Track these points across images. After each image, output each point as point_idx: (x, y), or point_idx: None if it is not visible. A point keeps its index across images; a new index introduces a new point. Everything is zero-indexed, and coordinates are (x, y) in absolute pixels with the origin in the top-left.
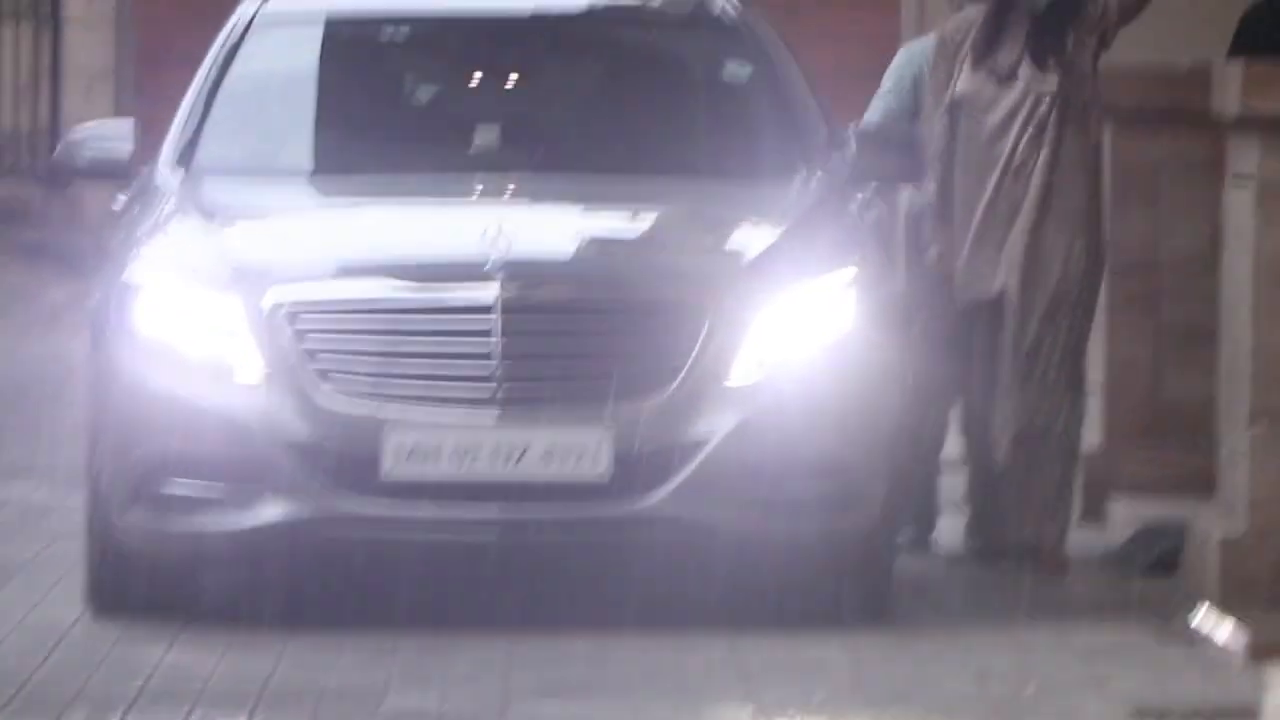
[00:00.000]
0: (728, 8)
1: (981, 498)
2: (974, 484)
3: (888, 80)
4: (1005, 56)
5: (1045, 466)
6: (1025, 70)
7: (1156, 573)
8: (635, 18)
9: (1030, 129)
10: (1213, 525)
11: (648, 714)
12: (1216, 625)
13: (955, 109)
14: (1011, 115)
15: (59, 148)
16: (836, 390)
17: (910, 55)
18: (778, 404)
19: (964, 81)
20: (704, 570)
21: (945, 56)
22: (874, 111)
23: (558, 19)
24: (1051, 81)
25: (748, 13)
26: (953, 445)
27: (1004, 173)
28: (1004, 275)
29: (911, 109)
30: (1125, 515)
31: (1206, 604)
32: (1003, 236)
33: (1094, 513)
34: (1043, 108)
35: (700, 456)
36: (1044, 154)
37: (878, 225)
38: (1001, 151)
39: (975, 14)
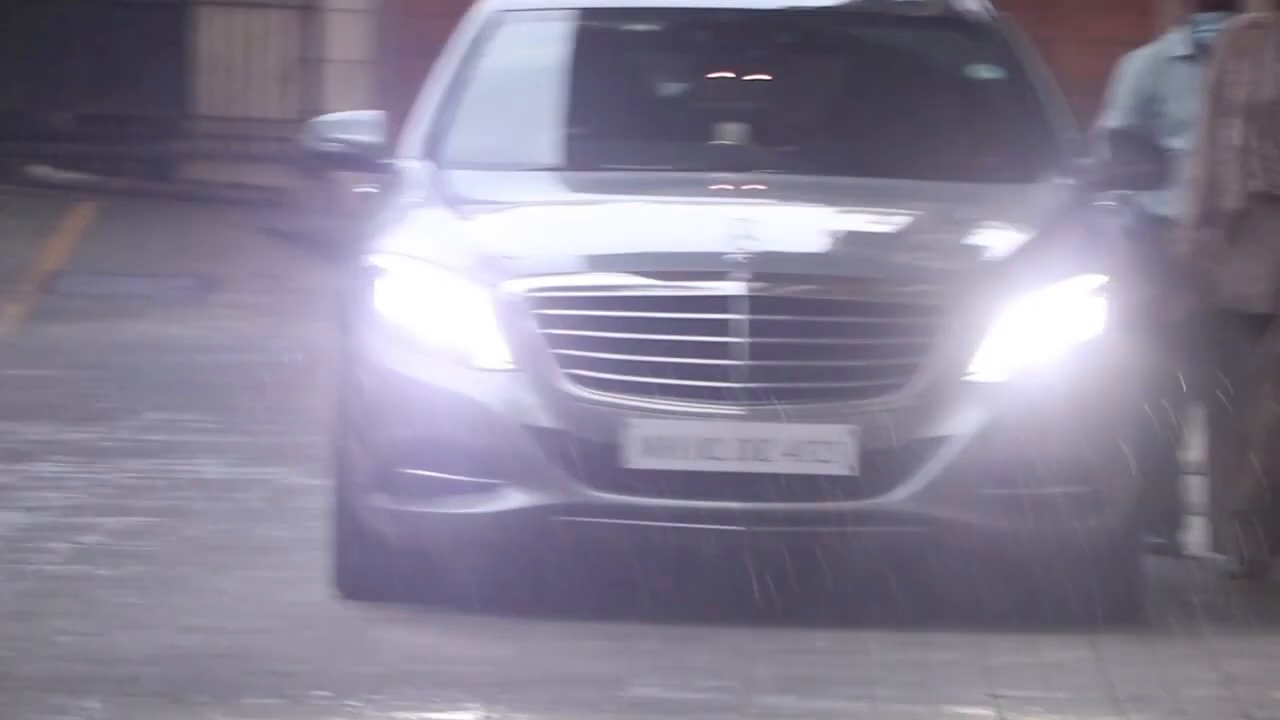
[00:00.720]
0: (978, 8)
1: (1239, 513)
2: (1226, 495)
3: (1120, 92)
4: None
5: None
6: None
7: None
8: (885, 17)
9: None
10: None
11: (888, 710)
12: None
13: (1248, 112)
14: None
15: (307, 136)
16: (1084, 392)
17: (1139, 66)
18: (1025, 403)
19: (1269, 88)
20: (949, 568)
21: (1236, 55)
22: (1111, 118)
23: (806, 16)
24: None
25: (998, 14)
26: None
27: None
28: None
29: (1142, 120)
30: None
31: None
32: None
33: None
34: None
35: (947, 453)
36: None
37: (1126, 230)
38: None
39: (1269, 18)
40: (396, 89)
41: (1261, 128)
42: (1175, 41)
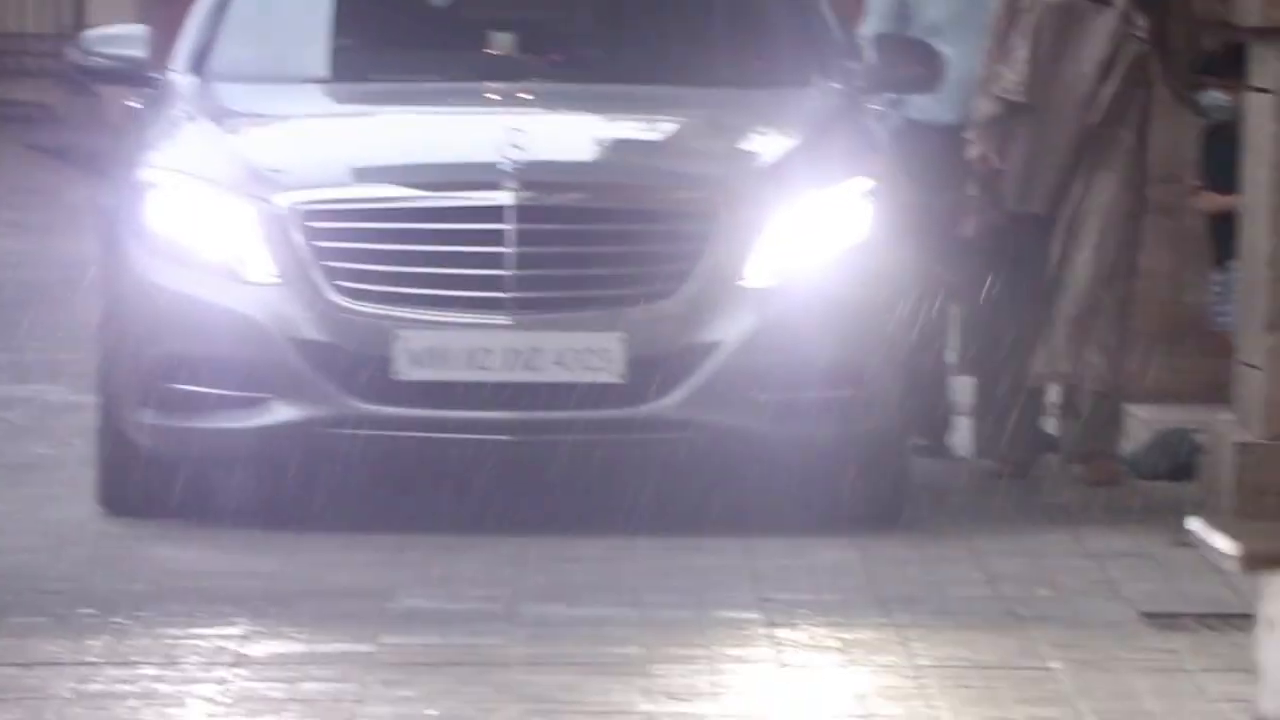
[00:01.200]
0: None
1: (999, 414)
2: (990, 398)
3: None
4: None
5: (1099, 404)
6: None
7: (1174, 478)
8: None
9: (1120, 69)
10: (1228, 432)
11: (657, 616)
12: (1211, 534)
13: (1033, 17)
14: (1102, 47)
15: (73, 52)
16: (851, 296)
17: None
18: (792, 308)
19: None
20: (718, 473)
21: None
22: (870, 24)
23: None
24: (1142, 18)
25: None
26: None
27: (1084, 107)
28: (1070, 198)
29: (896, 24)
30: (1143, 422)
31: (1201, 516)
32: (1071, 163)
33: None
34: (1133, 46)
35: (715, 360)
36: (1135, 104)
37: (894, 134)
38: (1086, 83)
39: None
40: (162, 2)
41: (1040, 33)
42: None
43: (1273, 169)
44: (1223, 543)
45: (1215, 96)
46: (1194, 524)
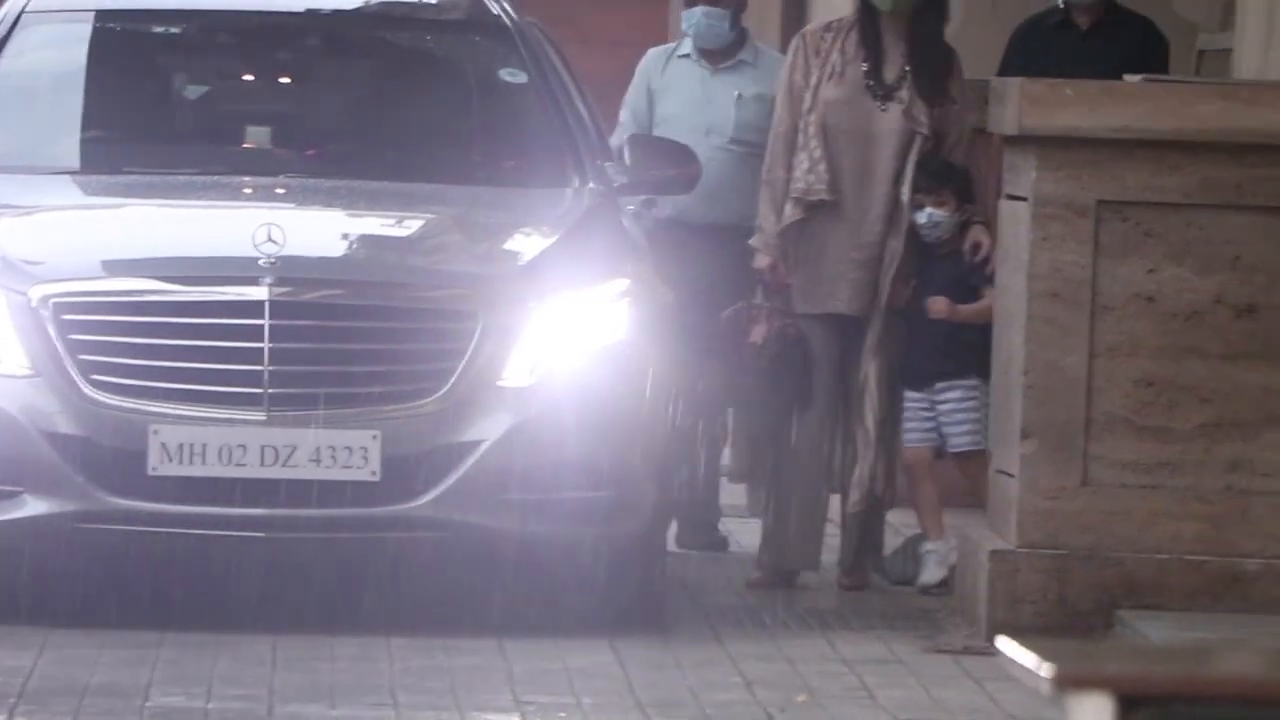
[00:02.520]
0: (503, 13)
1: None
2: (774, 503)
3: (631, 92)
4: (888, 73)
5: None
6: (906, 94)
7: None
8: (410, 20)
9: (908, 166)
10: (983, 539)
11: (413, 718)
12: (1020, 653)
13: (814, 113)
14: (890, 141)
15: None
16: (608, 397)
17: (646, 64)
18: (549, 409)
19: (833, 88)
20: (473, 574)
21: (809, 56)
22: (624, 123)
23: (330, 18)
24: (924, 115)
25: (523, 18)
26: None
27: (875, 197)
28: (869, 294)
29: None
30: (893, 528)
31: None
32: (865, 258)
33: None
34: (918, 143)
35: (470, 459)
36: (919, 197)
37: (650, 235)
38: (877, 180)
39: (839, 21)
40: None
41: (829, 134)
42: (682, 40)
43: (1029, 277)
44: (1034, 663)
45: (930, 213)
46: (1003, 642)
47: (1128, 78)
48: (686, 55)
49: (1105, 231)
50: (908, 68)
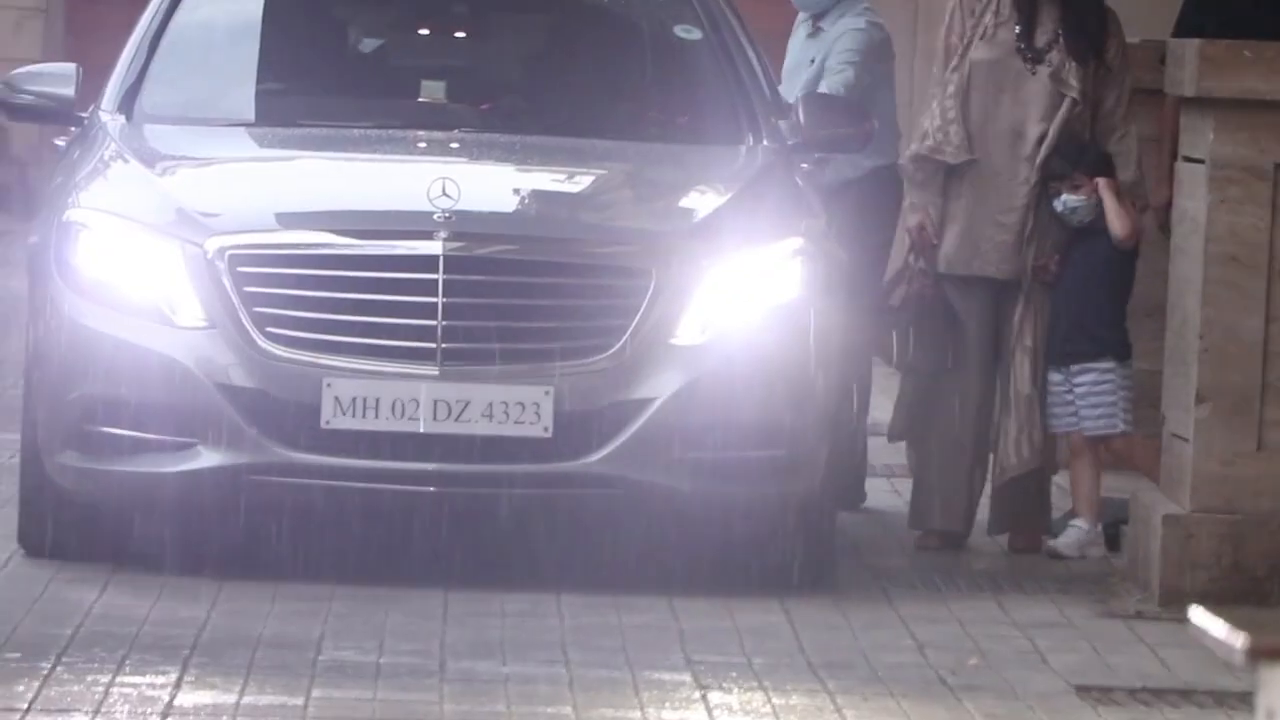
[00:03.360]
0: None
1: (923, 481)
2: (919, 464)
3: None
4: (1040, 36)
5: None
6: (1056, 57)
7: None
8: None
9: (1052, 129)
10: (1156, 504)
11: (587, 676)
12: (1213, 623)
13: (969, 72)
14: (1039, 104)
15: (2, 88)
16: (781, 356)
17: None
18: (723, 367)
19: (984, 49)
20: (645, 531)
21: (964, 16)
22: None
23: None
24: (1075, 79)
25: None
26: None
27: (1022, 160)
28: (1017, 259)
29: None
30: (1064, 490)
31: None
32: (1012, 222)
33: None
34: (1066, 105)
35: (643, 417)
36: (1055, 185)
37: (826, 193)
38: (1027, 146)
39: None
40: (74, 35)
41: (979, 95)
42: None
43: (1206, 240)
44: (1227, 633)
45: (1066, 200)
46: (1195, 612)
47: None
48: (805, 19)
49: None
50: (1060, 30)
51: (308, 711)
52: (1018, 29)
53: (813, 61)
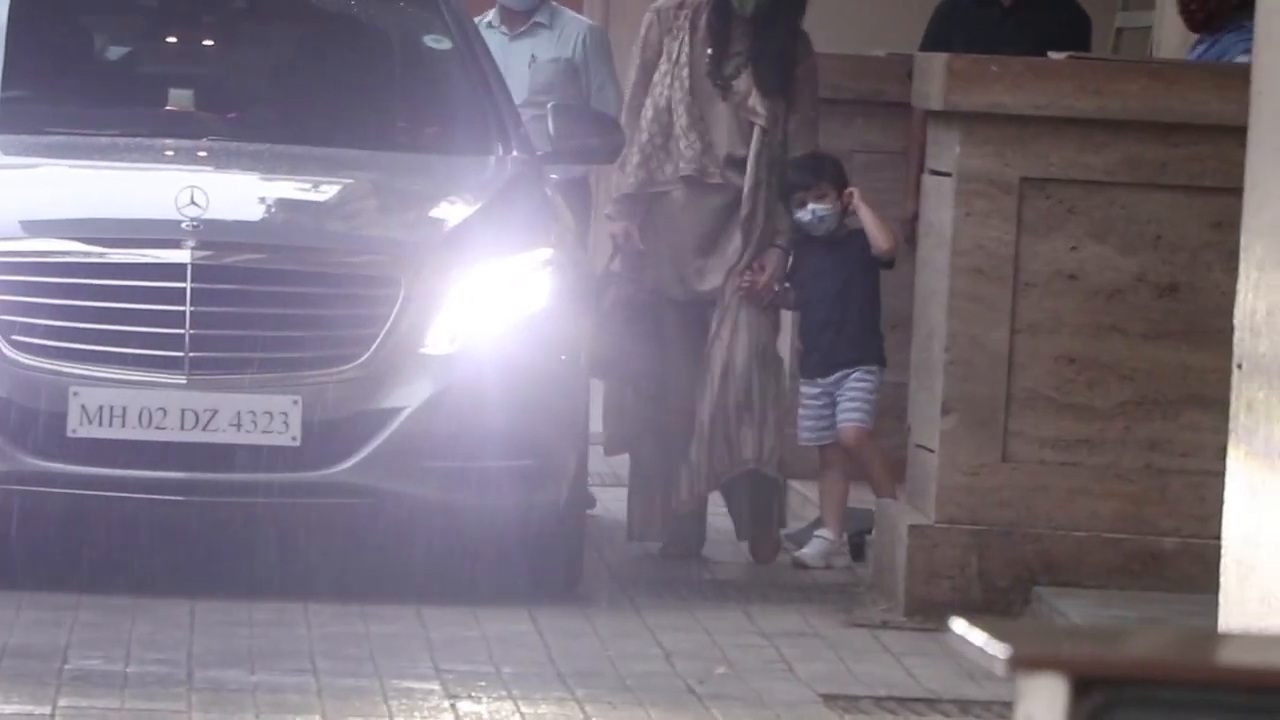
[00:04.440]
0: None
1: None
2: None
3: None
4: (729, 63)
5: (760, 485)
6: (743, 85)
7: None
8: None
9: (750, 157)
10: (902, 514)
11: (336, 685)
12: (973, 633)
13: (668, 93)
14: (729, 129)
15: None
16: (529, 365)
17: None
18: (471, 377)
19: (682, 71)
20: (392, 541)
21: (660, 34)
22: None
23: None
24: (762, 108)
25: None
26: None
27: (717, 192)
28: (711, 280)
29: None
30: (808, 501)
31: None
32: (709, 245)
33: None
34: (757, 136)
35: (391, 426)
36: (759, 186)
37: (573, 204)
38: (720, 167)
39: (690, 3)
40: None
41: (688, 111)
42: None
43: (952, 253)
44: (988, 644)
45: (814, 209)
46: (957, 623)
47: (1051, 55)
48: (490, 23)
49: (1029, 208)
50: (749, 58)
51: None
52: (709, 52)
53: (532, 59)
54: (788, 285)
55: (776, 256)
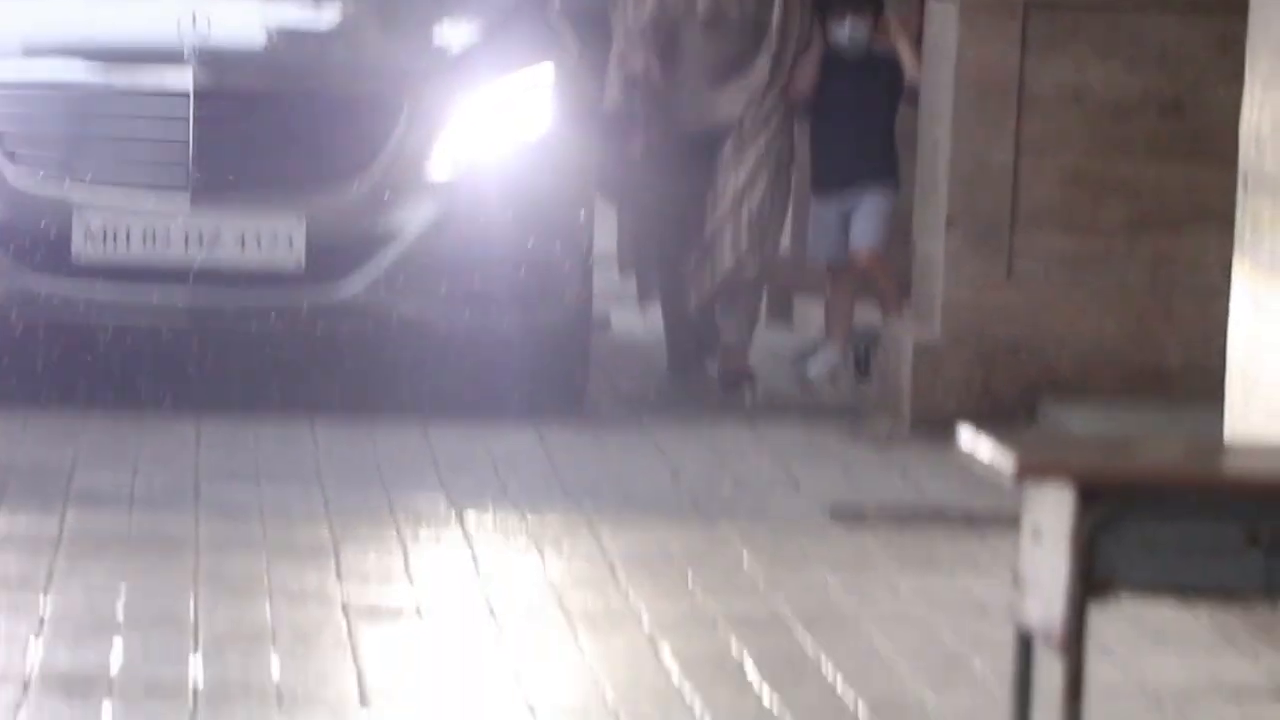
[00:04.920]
0: None
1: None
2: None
3: None
4: None
5: (744, 299)
6: None
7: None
8: None
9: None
10: (906, 330)
11: (343, 500)
12: (980, 442)
13: None
14: None
15: None
16: (532, 186)
17: None
18: (474, 200)
19: None
20: (397, 362)
21: None
22: None
23: None
24: None
25: None
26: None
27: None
28: (727, 110)
29: None
30: (814, 317)
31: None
32: (724, 75)
33: (782, 315)
34: None
35: (396, 249)
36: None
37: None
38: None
39: None
40: None
41: None
42: None
43: (955, 71)
44: (995, 453)
45: (852, 24)
46: (964, 433)
47: None
48: None
49: (1033, 29)
50: None
51: (63, 536)
52: None
53: None
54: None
55: (814, 56)
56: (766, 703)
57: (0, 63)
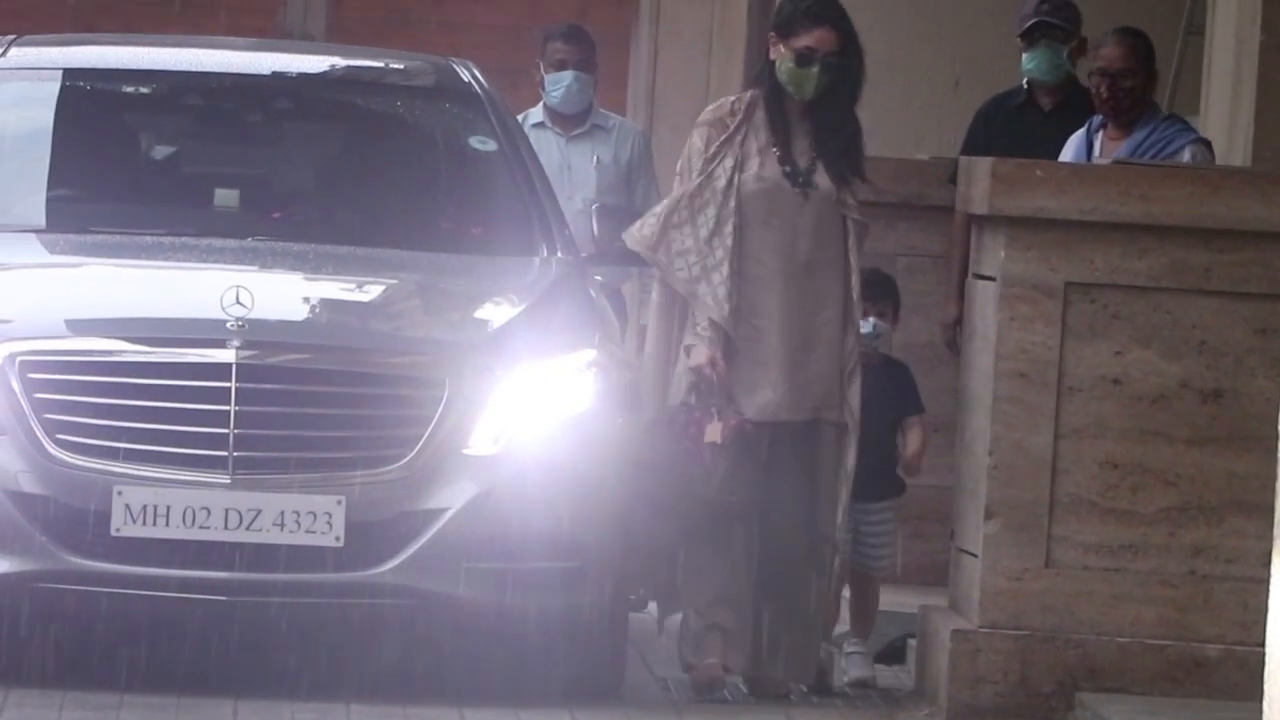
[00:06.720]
0: (473, 80)
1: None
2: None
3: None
4: (801, 159)
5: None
6: (822, 180)
7: (885, 661)
8: (378, 84)
9: (855, 255)
10: (945, 619)
11: None
12: None
13: (737, 202)
14: (812, 225)
15: None
16: (573, 467)
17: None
18: (514, 478)
19: (752, 180)
20: (435, 642)
21: (715, 140)
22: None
23: (299, 81)
24: (851, 198)
25: (492, 86)
26: None
27: (814, 293)
28: (816, 400)
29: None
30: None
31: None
32: (802, 357)
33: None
34: (854, 232)
35: (434, 527)
36: (846, 277)
37: (620, 305)
38: (812, 273)
39: (741, 104)
40: None
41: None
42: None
43: (996, 357)
44: None
45: (875, 323)
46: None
47: (1096, 159)
48: (540, 124)
49: (1073, 313)
50: (816, 153)
51: None
52: (776, 152)
53: (597, 160)
54: None
55: (917, 428)
56: None
57: (43, 339)
